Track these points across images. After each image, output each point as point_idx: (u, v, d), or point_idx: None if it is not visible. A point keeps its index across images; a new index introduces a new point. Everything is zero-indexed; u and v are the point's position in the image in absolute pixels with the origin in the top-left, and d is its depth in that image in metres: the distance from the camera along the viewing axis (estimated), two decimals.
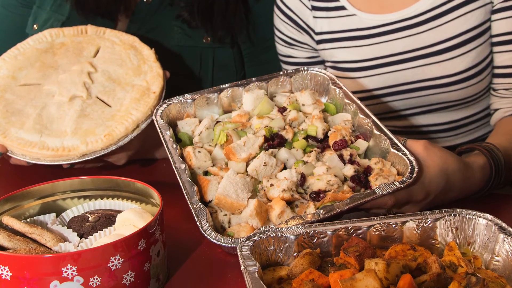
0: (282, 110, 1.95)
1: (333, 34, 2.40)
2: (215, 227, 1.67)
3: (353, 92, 1.97)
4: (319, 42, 2.45)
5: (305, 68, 2.08)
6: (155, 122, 1.95)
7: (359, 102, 1.92)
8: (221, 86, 2.04)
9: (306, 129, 1.88)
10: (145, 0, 2.53)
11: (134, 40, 2.30)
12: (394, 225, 1.51)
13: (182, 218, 1.84)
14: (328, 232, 1.49)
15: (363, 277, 1.26)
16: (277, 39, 2.58)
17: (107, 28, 2.35)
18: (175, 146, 1.84)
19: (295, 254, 1.49)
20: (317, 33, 2.44)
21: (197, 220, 1.62)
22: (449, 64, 2.25)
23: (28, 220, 1.67)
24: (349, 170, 1.75)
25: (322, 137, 1.87)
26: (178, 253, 1.70)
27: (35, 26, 2.56)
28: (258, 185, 1.74)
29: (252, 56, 2.66)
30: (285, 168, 1.79)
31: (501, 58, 2.26)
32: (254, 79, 2.06)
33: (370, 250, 1.41)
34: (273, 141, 1.84)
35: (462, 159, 1.83)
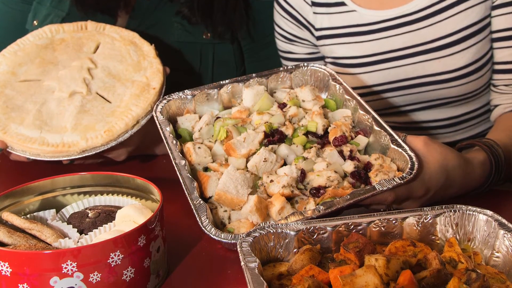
0: (282, 106, 1.95)
1: (333, 30, 2.40)
2: (215, 223, 1.67)
3: (353, 88, 1.97)
4: (319, 38, 2.45)
5: (305, 64, 2.08)
6: (155, 118, 1.95)
7: (359, 98, 1.92)
8: (221, 82, 2.04)
9: (306, 125, 1.88)
10: None
11: (134, 36, 2.30)
12: (394, 221, 1.51)
13: (182, 214, 1.84)
14: (328, 228, 1.49)
15: (363, 273, 1.26)
16: (277, 35, 2.57)
17: (107, 24, 2.35)
18: (175, 142, 1.83)
19: (295, 250, 1.49)
20: (317, 29, 2.44)
21: (197, 216, 1.62)
22: (449, 60, 2.25)
23: (28, 216, 1.68)
24: (349, 166, 1.75)
25: (322, 133, 1.87)
26: (178, 249, 1.70)
27: (35, 22, 2.56)
28: (258, 181, 1.74)
29: (252, 52, 2.66)
30: (285, 164, 1.79)
31: (501, 54, 2.26)
32: (254, 75, 2.06)
33: (370, 246, 1.41)
34: (273, 137, 1.84)
35: (462, 155, 1.83)
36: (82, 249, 1.38)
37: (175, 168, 1.76)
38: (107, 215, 1.65)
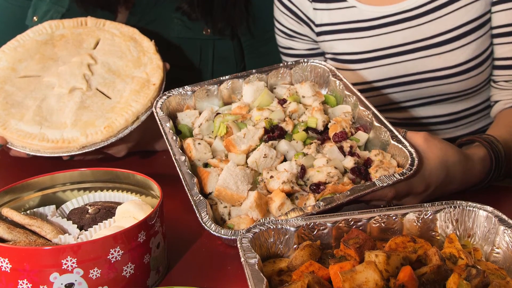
0: (282, 102, 1.95)
1: (333, 26, 2.40)
2: (215, 219, 1.67)
3: (353, 84, 1.97)
4: (319, 34, 2.44)
5: (305, 60, 2.08)
6: (155, 114, 1.95)
7: (359, 94, 1.91)
8: (221, 78, 2.04)
9: (306, 121, 1.88)
10: None
11: (134, 32, 2.30)
12: (394, 217, 1.51)
13: (182, 210, 1.84)
14: (328, 224, 1.49)
15: (363, 269, 1.26)
16: (277, 31, 2.57)
17: (107, 20, 2.34)
18: (175, 138, 1.83)
19: (295, 246, 1.49)
20: (317, 25, 2.44)
21: (197, 212, 1.62)
22: (449, 56, 2.24)
23: (28, 212, 1.68)
24: (349, 162, 1.75)
25: (322, 129, 1.87)
26: (178, 245, 1.70)
27: (35, 18, 2.56)
28: (258, 177, 1.74)
29: (252, 48, 2.66)
30: (285, 160, 1.79)
31: (501, 50, 2.26)
32: (254, 71, 2.06)
33: (370, 242, 1.41)
34: (273, 133, 1.83)
35: (462, 151, 1.83)
36: (82, 245, 1.38)
37: (175, 164, 1.76)
38: (107, 211, 1.65)
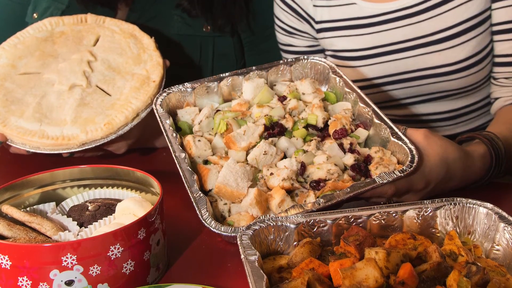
0: (282, 99, 1.95)
1: (333, 22, 2.40)
2: (215, 216, 1.67)
3: (353, 81, 1.97)
4: (319, 31, 2.44)
5: (305, 57, 2.08)
6: (155, 111, 1.95)
7: (359, 91, 1.91)
8: (221, 75, 2.04)
9: (306, 118, 1.88)
10: None
11: (134, 29, 2.30)
12: (394, 214, 1.51)
13: (182, 207, 1.84)
14: (328, 221, 1.49)
15: (363, 266, 1.26)
16: (277, 28, 2.57)
17: (107, 17, 2.34)
18: (175, 135, 1.83)
19: (295, 243, 1.49)
20: (317, 22, 2.43)
21: (197, 209, 1.62)
22: (449, 53, 2.24)
23: (28, 209, 1.68)
24: (349, 159, 1.75)
25: (322, 126, 1.87)
26: (178, 242, 1.70)
27: (34, 15, 2.56)
28: (258, 174, 1.74)
29: (252, 45, 2.66)
30: (285, 157, 1.79)
31: (502, 47, 2.25)
32: (254, 68, 2.05)
33: (370, 239, 1.41)
34: (273, 130, 1.83)
35: (462, 148, 1.82)
36: (82, 242, 1.38)
37: (175, 161, 1.76)
38: (107, 208, 1.65)
